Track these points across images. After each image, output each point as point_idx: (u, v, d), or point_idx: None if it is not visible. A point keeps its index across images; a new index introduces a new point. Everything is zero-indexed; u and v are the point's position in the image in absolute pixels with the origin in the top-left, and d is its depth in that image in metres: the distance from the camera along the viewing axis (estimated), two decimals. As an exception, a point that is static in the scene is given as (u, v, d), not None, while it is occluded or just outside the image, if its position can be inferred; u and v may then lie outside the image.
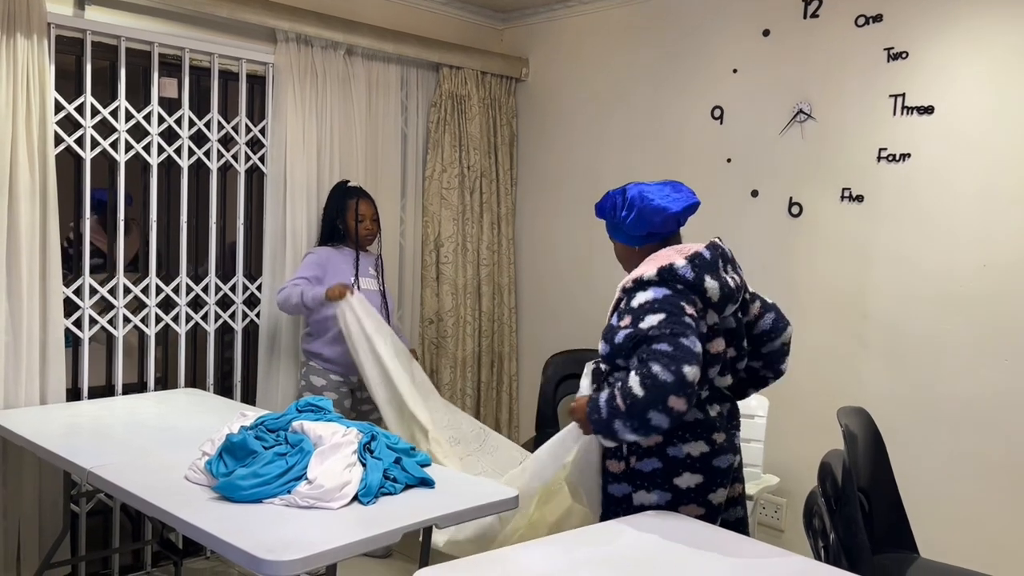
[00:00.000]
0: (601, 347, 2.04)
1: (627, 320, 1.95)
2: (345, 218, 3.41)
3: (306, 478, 2.04)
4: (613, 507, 2.10)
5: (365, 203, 3.43)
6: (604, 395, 1.93)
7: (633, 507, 2.05)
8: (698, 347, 1.85)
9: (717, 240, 2.12)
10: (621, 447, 2.07)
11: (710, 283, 1.98)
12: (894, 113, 3.03)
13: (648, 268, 2.00)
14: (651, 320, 1.89)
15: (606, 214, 2.19)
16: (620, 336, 1.95)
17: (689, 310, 1.91)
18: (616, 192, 2.17)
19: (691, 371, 1.82)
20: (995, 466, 2.82)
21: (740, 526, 2.17)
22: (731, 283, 2.03)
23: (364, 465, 2.11)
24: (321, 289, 3.18)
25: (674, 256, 2.01)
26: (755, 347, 2.22)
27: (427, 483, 2.17)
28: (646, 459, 2.04)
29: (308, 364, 3.38)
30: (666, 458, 2.03)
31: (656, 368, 1.82)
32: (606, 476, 2.12)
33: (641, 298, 1.95)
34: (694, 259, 1.99)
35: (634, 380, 1.85)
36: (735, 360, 2.13)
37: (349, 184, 3.48)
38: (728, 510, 2.16)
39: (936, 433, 2.95)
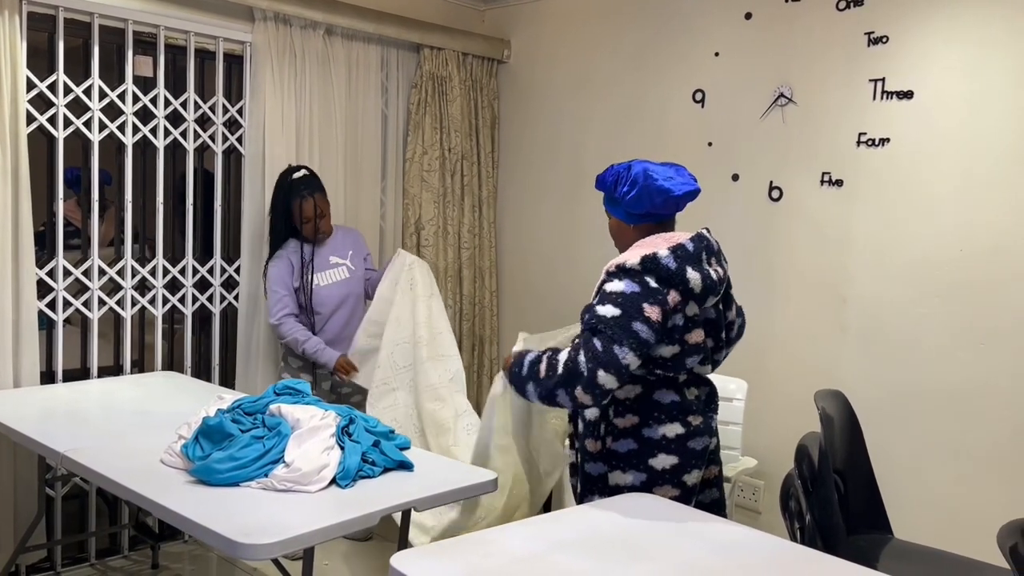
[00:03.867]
0: (580, 325, 2.06)
1: (596, 302, 2.01)
2: (291, 221, 3.26)
3: (283, 461, 2.03)
4: (589, 486, 2.14)
5: (308, 203, 3.21)
6: (531, 355, 2.05)
7: (609, 487, 2.09)
8: (628, 358, 1.91)
9: (704, 231, 2.12)
10: (599, 428, 2.11)
11: (691, 274, 1.99)
12: (874, 98, 3.03)
13: (632, 255, 2.02)
14: (606, 311, 1.95)
15: (606, 187, 2.18)
16: (589, 317, 2.00)
17: (649, 312, 1.93)
18: (621, 166, 2.15)
19: (605, 377, 1.90)
20: (969, 448, 2.86)
21: (716, 507, 2.18)
22: (713, 275, 2.04)
23: (342, 448, 2.10)
24: (328, 357, 3.20)
25: (659, 244, 2.03)
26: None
27: (406, 466, 2.17)
28: (622, 440, 2.08)
29: (284, 361, 3.36)
30: (642, 439, 2.06)
31: (581, 358, 1.92)
32: (584, 455, 2.16)
33: (614, 286, 1.99)
34: (677, 250, 2.00)
35: (562, 356, 1.97)
36: (715, 350, 2.16)
37: (293, 177, 3.26)
38: (704, 491, 2.18)
39: (911, 416, 2.98)
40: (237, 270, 3.53)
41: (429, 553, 1.64)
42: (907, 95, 2.96)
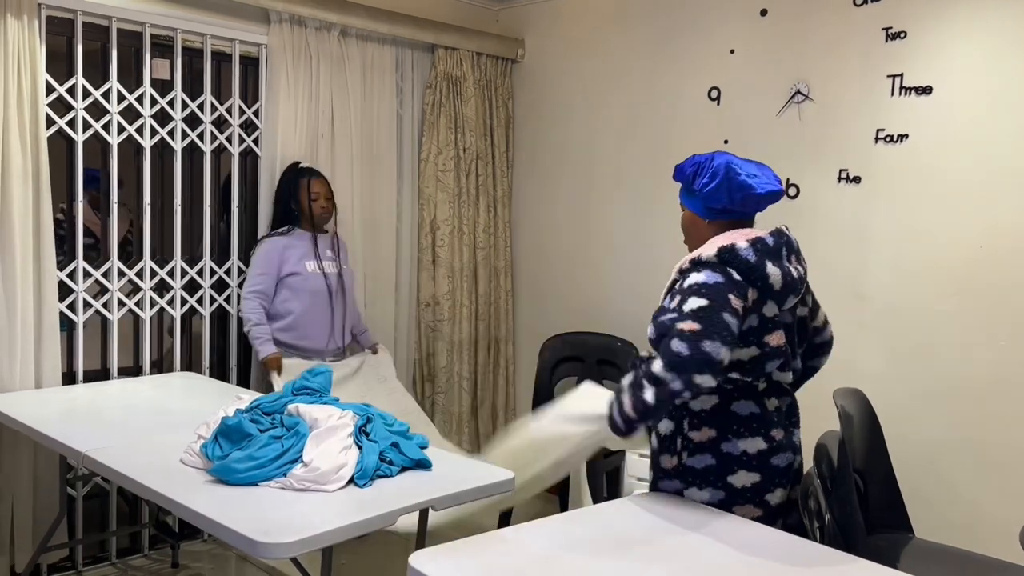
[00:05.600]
0: (649, 330, 1.92)
1: (676, 301, 1.86)
2: (298, 197, 3.34)
3: (302, 461, 2.03)
4: None
5: (318, 181, 3.38)
6: (624, 402, 1.86)
7: None
8: (722, 353, 1.76)
9: (783, 228, 2.01)
10: (675, 442, 1.99)
11: (772, 269, 1.88)
12: (892, 94, 3.01)
13: (708, 249, 1.91)
14: (691, 304, 1.81)
15: (684, 176, 2.04)
16: (666, 318, 1.85)
17: (735, 303, 1.81)
18: (702, 157, 2.02)
19: (700, 378, 1.76)
20: (990, 447, 2.83)
21: (799, 532, 1.97)
22: (794, 273, 1.94)
23: (360, 448, 2.10)
24: (263, 350, 3.20)
25: (737, 238, 1.91)
26: (807, 355, 2.14)
27: (424, 465, 2.17)
28: (698, 455, 1.94)
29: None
30: (720, 454, 1.93)
31: (661, 372, 1.78)
32: (657, 472, 2.04)
33: (694, 279, 1.86)
34: (756, 243, 1.90)
35: (645, 383, 1.81)
36: (792, 356, 2.02)
37: (300, 165, 3.43)
38: (791, 514, 2.03)
39: (931, 414, 2.95)
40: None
41: (447, 552, 1.65)
42: (926, 91, 2.93)
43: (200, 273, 3.41)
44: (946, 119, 2.89)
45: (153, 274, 3.28)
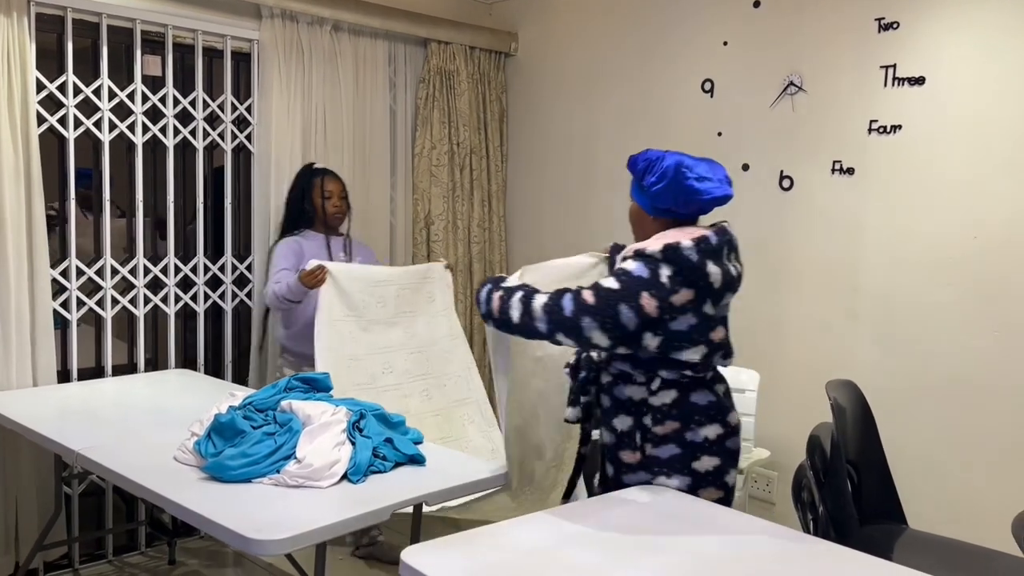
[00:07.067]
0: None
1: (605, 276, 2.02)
2: (311, 196, 3.26)
3: (295, 457, 2.03)
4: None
5: (331, 180, 3.30)
6: (545, 300, 1.98)
7: None
8: (596, 335, 1.90)
9: (726, 225, 2.06)
10: (635, 438, 2.06)
11: (712, 269, 1.94)
12: (885, 84, 3.00)
13: (655, 244, 1.95)
14: (607, 283, 1.94)
15: (636, 171, 2.10)
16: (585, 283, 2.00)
17: (645, 301, 1.89)
18: (655, 153, 2.08)
19: (564, 340, 1.94)
20: (983, 437, 2.84)
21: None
22: (732, 272, 2.00)
23: (353, 444, 2.10)
24: (293, 280, 2.95)
25: (682, 236, 1.96)
26: None
27: (417, 461, 2.18)
28: (663, 446, 2.02)
29: (282, 356, 3.30)
30: (684, 443, 2.01)
31: (568, 304, 1.93)
32: (619, 467, 2.10)
33: (626, 264, 1.96)
34: (700, 242, 1.94)
35: (558, 305, 1.94)
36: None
37: (315, 165, 3.37)
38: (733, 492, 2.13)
39: (925, 405, 2.96)
40: (248, 267, 3.54)
41: (440, 547, 1.65)
42: (919, 81, 2.93)
43: (194, 270, 3.41)
44: (939, 109, 2.89)
45: (147, 271, 3.28)
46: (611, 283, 1.92)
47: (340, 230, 3.37)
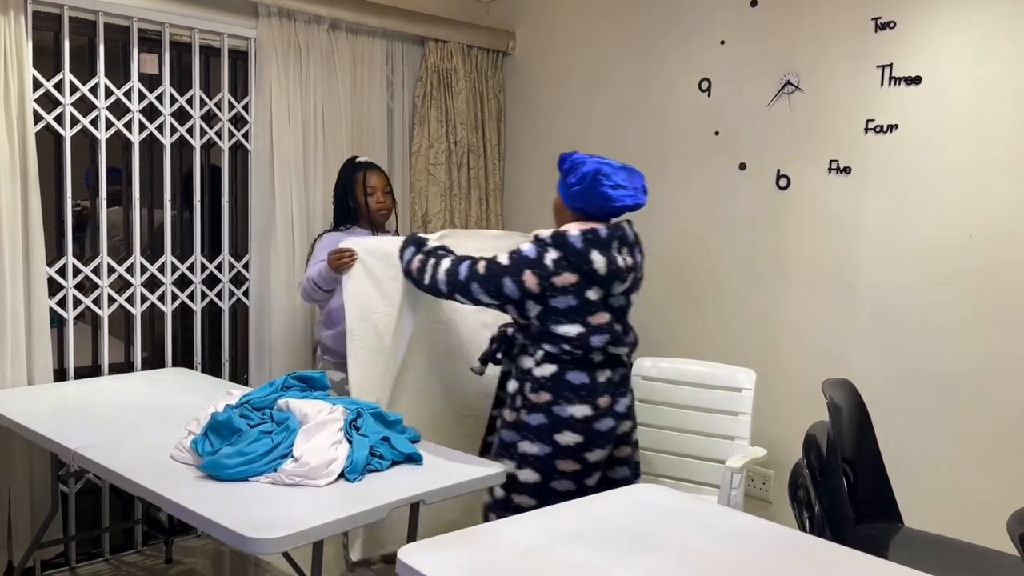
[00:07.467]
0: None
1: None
2: (354, 193, 3.17)
3: (292, 456, 2.03)
4: (502, 450, 2.40)
5: (375, 175, 3.21)
6: (449, 263, 2.37)
7: (518, 453, 2.35)
8: (481, 296, 2.30)
9: (623, 223, 2.33)
10: (516, 400, 2.38)
11: (596, 257, 2.22)
12: (881, 84, 3.01)
13: (548, 231, 2.28)
14: (501, 257, 2.28)
15: (562, 170, 2.39)
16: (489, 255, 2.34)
17: (527, 277, 2.23)
18: (580, 159, 2.36)
19: (458, 297, 2.36)
20: (979, 436, 2.84)
21: (623, 484, 2.34)
22: (620, 262, 2.27)
23: (350, 442, 2.11)
24: (321, 265, 2.78)
25: (573, 227, 2.26)
26: None
27: (414, 459, 2.18)
28: (534, 414, 2.31)
29: (323, 358, 3.17)
30: (552, 416, 2.28)
31: (464, 269, 2.33)
32: (502, 423, 2.43)
33: (523, 246, 2.29)
34: (587, 233, 2.24)
35: (457, 270, 2.34)
36: (624, 333, 2.38)
37: (358, 159, 3.28)
38: (614, 469, 2.40)
39: (921, 404, 2.96)
40: (246, 266, 3.54)
41: (436, 546, 1.65)
42: (915, 80, 2.93)
43: (191, 268, 3.41)
44: (936, 108, 2.89)
45: (143, 270, 3.28)
46: (503, 259, 2.28)
47: (387, 226, 3.28)
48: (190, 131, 3.35)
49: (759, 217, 3.37)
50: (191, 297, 3.42)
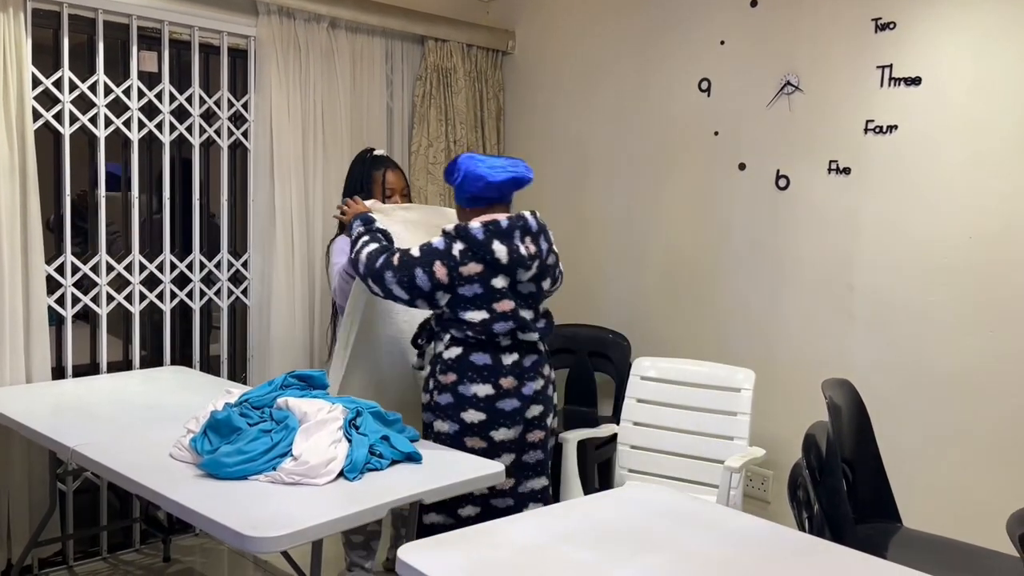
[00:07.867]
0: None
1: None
2: (371, 193, 2.90)
3: (291, 455, 2.03)
4: (423, 432, 2.51)
5: (395, 174, 2.96)
6: (373, 249, 2.45)
7: (433, 433, 2.47)
8: (396, 289, 2.37)
9: (526, 213, 2.45)
10: (428, 383, 2.50)
11: (498, 247, 2.34)
12: (881, 84, 3.01)
13: (452, 225, 2.40)
14: (414, 251, 2.38)
15: (448, 178, 2.52)
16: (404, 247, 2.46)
17: (437, 267, 2.33)
18: (453, 160, 2.50)
19: (371, 284, 2.43)
20: (978, 436, 2.85)
21: (539, 467, 2.52)
22: (523, 251, 2.38)
23: (350, 441, 2.10)
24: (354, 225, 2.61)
25: (475, 220, 2.39)
26: None
27: (414, 458, 2.17)
28: (443, 394, 2.43)
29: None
30: (457, 395, 2.41)
31: (381, 261, 2.41)
32: (422, 405, 2.54)
33: (434, 239, 2.39)
34: (488, 224, 2.36)
35: (376, 257, 2.43)
36: (534, 320, 2.47)
37: (375, 152, 3.04)
38: (528, 452, 2.49)
39: (920, 404, 2.97)
40: (245, 264, 3.54)
41: (436, 545, 1.65)
42: (915, 81, 2.94)
43: (190, 267, 3.40)
44: (935, 109, 2.90)
45: (142, 268, 3.27)
46: (415, 251, 2.38)
47: None
48: (189, 129, 3.35)
49: (758, 217, 3.37)
50: (190, 295, 3.41)
